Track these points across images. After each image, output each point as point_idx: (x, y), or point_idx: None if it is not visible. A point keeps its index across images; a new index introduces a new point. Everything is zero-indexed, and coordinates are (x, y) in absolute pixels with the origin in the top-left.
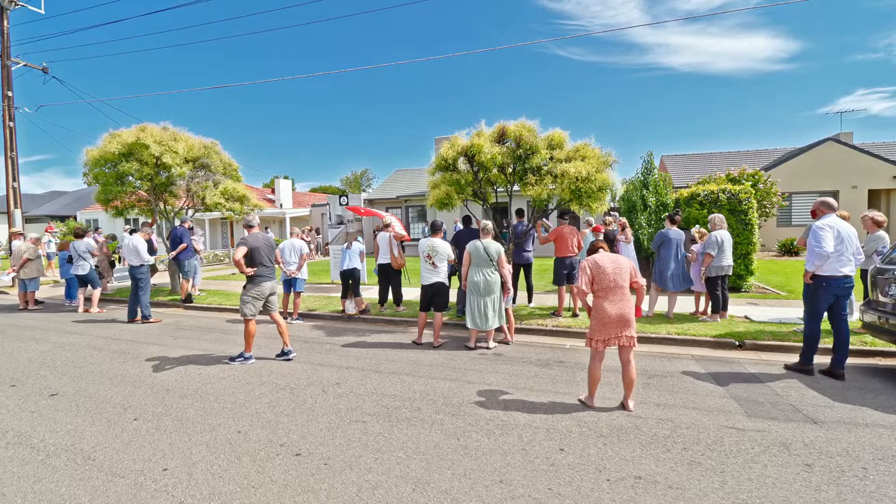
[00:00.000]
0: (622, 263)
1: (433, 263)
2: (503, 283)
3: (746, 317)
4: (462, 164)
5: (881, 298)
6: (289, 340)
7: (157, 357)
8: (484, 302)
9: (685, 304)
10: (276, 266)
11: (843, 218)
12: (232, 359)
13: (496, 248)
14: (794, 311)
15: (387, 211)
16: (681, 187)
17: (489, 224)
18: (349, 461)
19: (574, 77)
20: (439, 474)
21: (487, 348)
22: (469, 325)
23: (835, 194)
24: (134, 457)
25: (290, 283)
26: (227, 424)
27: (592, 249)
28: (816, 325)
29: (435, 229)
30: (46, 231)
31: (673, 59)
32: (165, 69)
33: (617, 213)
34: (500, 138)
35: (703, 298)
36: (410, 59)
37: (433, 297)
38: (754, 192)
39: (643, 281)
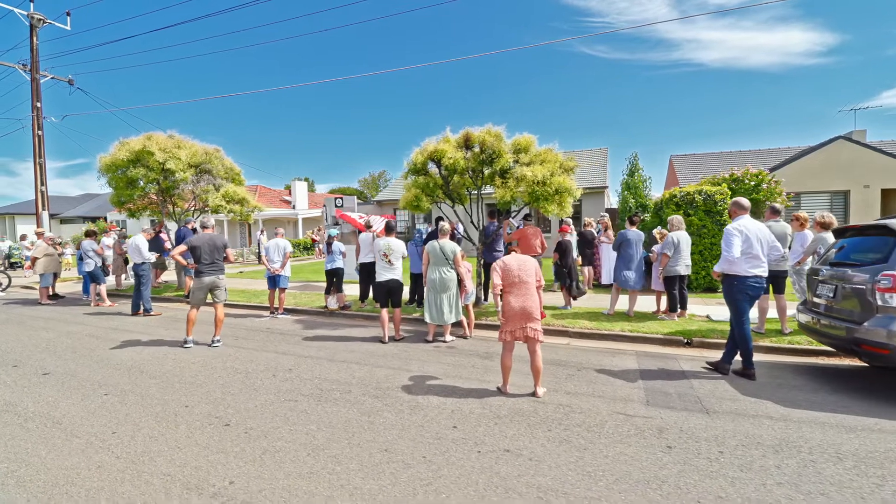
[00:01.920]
0: (529, 263)
1: (389, 261)
2: (460, 281)
3: (708, 316)
4: (432, 168)
5: (815, 300)
6: (220, 332)
7: (145, 345)
8: (440, 298)
9: (650, 303)
10: (225, 263)
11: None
12: (184, 343)
13: (452, 247)
14: None
15: (395, 212)
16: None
17: (446, 225)
18: (266, 431)
19: (600, 75)
20: (336, 443)
21: (444, 342)
22: (427, 319)
23: (846, 194)
24: (93, 423)
25: (274, 280)
26: (178, 400)
27: (506, 252)
28: (745, 326)
29: (389, 230)
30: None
31: (703, 55)
32: (196, 76)
33: (607, 215)
34: (466, 143)
35: (664, 298)
36: (435, 62)
37: (389, 293)
38: (737, 192)
39: (542, 284)
